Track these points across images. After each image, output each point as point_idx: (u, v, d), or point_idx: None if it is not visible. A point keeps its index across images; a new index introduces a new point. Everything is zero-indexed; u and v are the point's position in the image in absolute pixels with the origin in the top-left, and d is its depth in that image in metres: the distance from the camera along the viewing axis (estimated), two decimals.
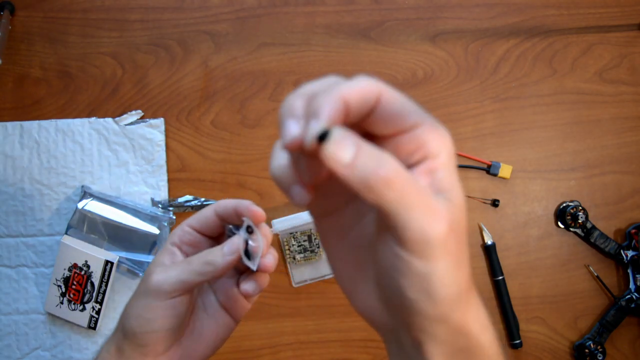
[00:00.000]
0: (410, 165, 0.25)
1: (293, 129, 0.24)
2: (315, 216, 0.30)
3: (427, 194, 0.24)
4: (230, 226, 0.39)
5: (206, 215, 0.40)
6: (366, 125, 0.25)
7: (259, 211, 0.38)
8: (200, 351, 0.40)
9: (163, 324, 0.38)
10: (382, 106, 0.25)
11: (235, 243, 0.37)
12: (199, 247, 0.40)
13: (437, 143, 0.26)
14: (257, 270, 0.38)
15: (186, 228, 0.40)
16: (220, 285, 0.42)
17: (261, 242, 0.38)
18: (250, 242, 0.38)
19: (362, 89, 0.25)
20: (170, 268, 0.38)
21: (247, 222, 0.38)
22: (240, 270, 0.41)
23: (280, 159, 0.26)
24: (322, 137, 0.23)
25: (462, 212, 0.25)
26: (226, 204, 0.39)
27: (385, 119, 0.25)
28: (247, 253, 0.38)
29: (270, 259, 0.39)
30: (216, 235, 0.41)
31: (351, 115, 0.24)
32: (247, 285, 0.39)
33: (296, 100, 0.25)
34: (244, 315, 0.42)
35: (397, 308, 0.26)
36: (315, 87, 0.26)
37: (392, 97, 0.25)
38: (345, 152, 0.22)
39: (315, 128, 0.23)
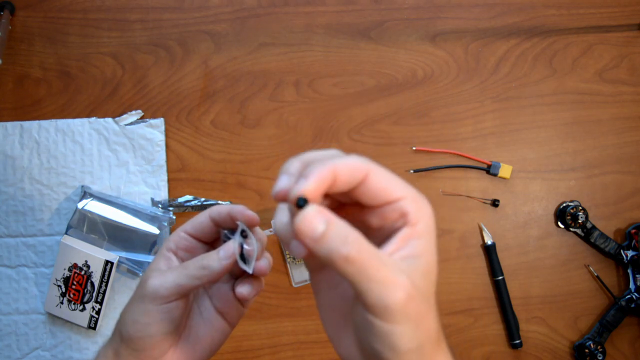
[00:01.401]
0: (394, 231, 0.29)
1: (283, 182, 0.28)
2: (311, 269, 0.33)
3: (386, 268, 0.27)
4: (225, 231, 0.40)
5: (201, 221, 0.41)
6: (357, 197, 0.29)
7: (252, 215, 0.39)
8: (197, 356, 0.41)
9: (160, 328, 0.38)
10: (369, 182, 0.29)
11: (230, 247, 0.38)
12: (195, 252, 0.40)
13: (416, 214, 0.29)
14: (252, 274, 0.39)
15: (182, 234, 0.41)
16: (216, 290, 0.42)
17: (256, 245, 0.38)
18: (245, 246, 0.38)
19: (352, 165, 0.29)
20: (167, 273, 0.38)
21: (241, 226, 0.39)
22: (235, 275, 0.42)
23: (282, 216, 0.30)
24: (301, 204, 0.26)
25: (429, 277, 0.29)
26: (220, 209, 0.40)
27: (373, 193, 0.29)
28: (243, 257, 0.38)
29: (265, 262, 0.40)
30: (211, 241, 0.42)
31: (338, 185, 0.28)
32: (243, 289, 0.40)
33: (294, 162, 0.30)
34: (239, 320, 0.42)
35: (370, 357, 0.29)
36: (314, 156, 0.30)
37: (379, 176, 0.29)
38: (316, 227, 0.26)
39: (300, 186, 0.27)
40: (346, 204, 0.32)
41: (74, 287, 0.66)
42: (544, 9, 0.73)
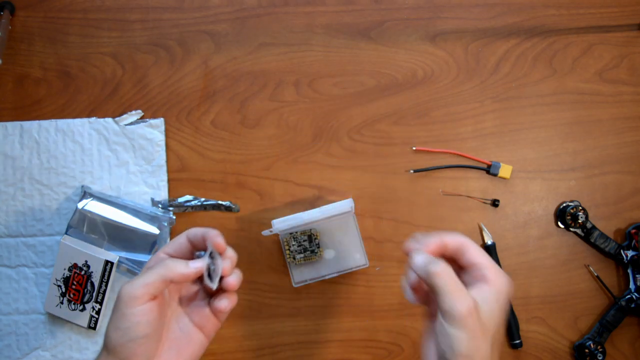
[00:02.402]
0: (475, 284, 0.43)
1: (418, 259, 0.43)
2: (426, 316, 0.46)
3: (461, 289, 0.40)
4: (198, 253, 0.47)
5: (180, 242, 0.47)
6: (458, 260, 0.45)
7: (221, 243, 0.45)
8: None
9: (139, 331, 0.42)
10: (467, 251, 0.44)
11: (199, 265, 0.44)
12: None
13: (495, 279, 0.42)
14: (218, 289, 0.46)
15: (162, 255, 0.46)
16: (194, 307, 0.48)
17: (220, 266, 0.45)
18: (211, 266, 0.45)
19: (456, 238, 0.45)
20: (136, 278, 0.43)
21: (210, 248, 0.45)
22: (210, 293, 0.48)
23: (403, 281, 0.46)
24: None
25: (491, 316, 0.41)
26: (197, 231, 0.46)
27: (468, 257, 0.44)
28: (209, 275, 0.45)
29: (234, 278, 0.46)
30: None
31: (448, 249, 0.45)
32: (221, 303, 0.46)
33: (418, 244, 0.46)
34: (215, 332, 0.49)
35: (440, 357, 0.40)
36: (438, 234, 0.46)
37: (473, 247, 0.44)
38: (419, 260, 0.42)
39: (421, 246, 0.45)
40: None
41: (74, 287, 0.66)
42: (544, 9, 0.73)
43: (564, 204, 0.70)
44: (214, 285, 0.45)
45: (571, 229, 0.70)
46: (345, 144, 0.71)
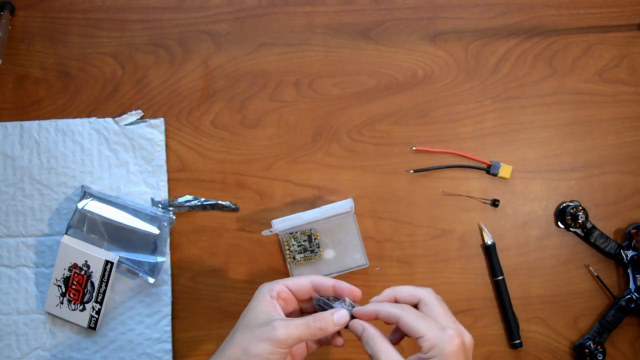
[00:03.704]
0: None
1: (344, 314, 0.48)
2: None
3: (389, 350, 0.45)
4: (319, 297, 0.50)
5: (303, 283, 0.50)
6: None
7: (358, 291, 0.50)
8: None
9: None
10: (400, 324, 0.46)
11: (343, 316, 0.48)
12: (289, 303, 0.51)
13: (432, 350, 0.44)
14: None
15: (283, 287, 0.50)
16: None
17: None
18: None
19: (387, 311, 0.47)
20: (292, 326, 0.46)
21: (348, 301, 0.50)
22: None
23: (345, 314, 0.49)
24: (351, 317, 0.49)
25: None
26: (324, 281, 0.50)
27: (404, 329, 0.46)
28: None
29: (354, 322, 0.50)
30: (304, 299, 0.52)
31: (381, 317, 0.47)
32: (338, 341, 0.51)
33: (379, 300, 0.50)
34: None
35: None
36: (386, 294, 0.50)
37: (407, 319, 0.45)
38: (357, 325, 0.48)
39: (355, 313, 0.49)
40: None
41: (74, 287, 0.66)
42: (544, 9, 0.73)
43: (564, 204, 0.70)
44: (341, 341, 0.51)
45: (571, 229, 0.70)
46: (345, 144, 0.71)
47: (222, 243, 0.70)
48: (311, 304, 0.51)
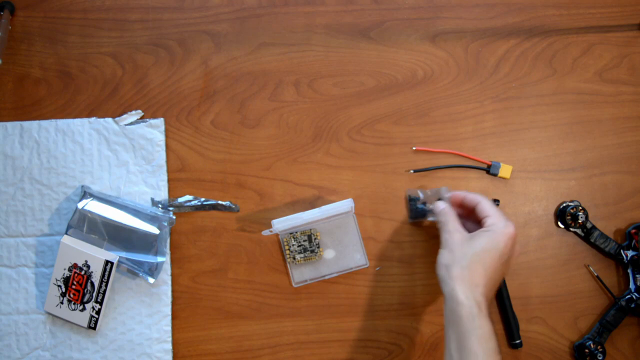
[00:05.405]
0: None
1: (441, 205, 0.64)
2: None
3: (456, 228, 0.61)
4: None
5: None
6: (473, 211, 0.63)
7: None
8: None
9: None
10: (478, 206, 0.62)
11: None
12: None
13: (496, 224, 0.59)
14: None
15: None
16: None
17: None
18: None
19: (471, 196, 0.63)
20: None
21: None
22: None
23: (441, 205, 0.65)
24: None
25: (482, 250, 0.59)
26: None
27: (479, 211, 0.62)
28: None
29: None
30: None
31: (466, 203, 0.64)
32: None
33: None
34: None
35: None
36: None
37: (484, 203, 0.62)
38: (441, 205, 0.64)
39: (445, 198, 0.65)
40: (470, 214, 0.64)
41: (74, 287, 0.66)
42: (544, 9, 0.73)
43: (564, 204, 0.70)
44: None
45: (571, 229, 0.70)
46: (345, 144, 0.71)
47: (222, 243, 0.70)
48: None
